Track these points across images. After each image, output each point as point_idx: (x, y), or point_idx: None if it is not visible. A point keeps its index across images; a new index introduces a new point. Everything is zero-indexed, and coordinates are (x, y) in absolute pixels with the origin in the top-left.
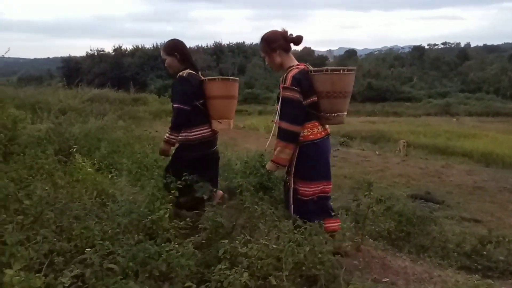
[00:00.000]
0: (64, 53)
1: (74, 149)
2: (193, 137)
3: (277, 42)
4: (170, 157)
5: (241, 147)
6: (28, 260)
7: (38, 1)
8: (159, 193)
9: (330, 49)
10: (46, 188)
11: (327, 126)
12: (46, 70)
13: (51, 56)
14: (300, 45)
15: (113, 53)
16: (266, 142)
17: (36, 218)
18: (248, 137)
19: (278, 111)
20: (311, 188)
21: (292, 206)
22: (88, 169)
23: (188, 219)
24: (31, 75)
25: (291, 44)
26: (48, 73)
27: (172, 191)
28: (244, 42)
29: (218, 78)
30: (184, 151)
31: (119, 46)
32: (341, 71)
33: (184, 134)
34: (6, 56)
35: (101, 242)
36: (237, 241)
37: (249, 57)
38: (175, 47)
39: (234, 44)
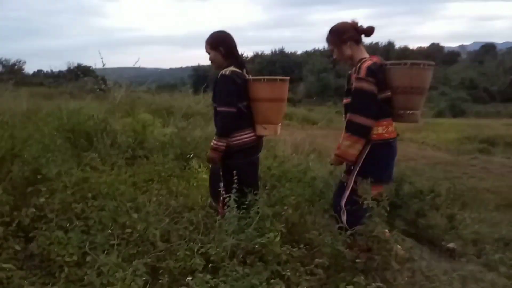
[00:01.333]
0: (194, 63)
1: (191, 155)
2: (234, 143)
3: (348, 33)
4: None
5: None
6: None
7: (175, 18)
8: (270, 209)
9: (462, 44)
10: (161, 196)
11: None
12: (179, 79)
13: (183, 66)
14: (371, 36)
15: None
16: (402, 147)
17: (141, 234)
18: None
19: (350, 104)
20: (375, 190)
21: (345, 211)
22: (204, 175)
23: (302, 246)
24: (167, 83)
25: (362, 36)
26: (181, 81)
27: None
28: (363, 42)
29: (264, 79)
30: (225, 158)
31: (241, 53)
32: (421, 65)
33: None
34: (147, 67)
35: (201, 275)
36: (362, 277)
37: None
38: (220, 40)
39: None
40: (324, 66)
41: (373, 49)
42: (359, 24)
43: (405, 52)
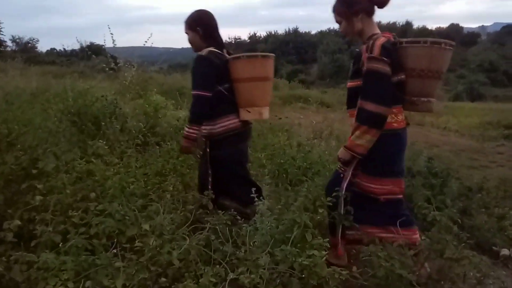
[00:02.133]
0: None
1: None
2: (217, 130)
3: (360, 3)
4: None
5: None
6: None
7: None
8: (307, 215)
9: (483, 25)
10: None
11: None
12: (191, 58)
13: None
14: (384, 7)
15: (248, 40)
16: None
17: (154, 254)
18: None
19: (360, 88)
20: (379, 185)
21: (342, 202)
22: None
23: (350, 269)
24: (179, 63)
25: (375, 7)
26: (192, 61)
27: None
28: (379, 22)
29: (243, 56)
30: (210, 149)
31: (254, 33)
32: (442, 45)
33: (208, 127)
34: (159, 46)
35: None
36: None
37: None
38: (198, 20)
39: None
40: (339, 47)
41: (390, 29)
42: None
43: (424, 33)
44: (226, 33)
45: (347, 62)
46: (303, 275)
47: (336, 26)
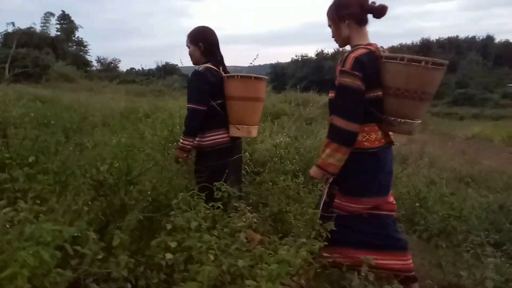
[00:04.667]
0: (273, 60)
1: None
2: (206, 143)
3: (349, 9)
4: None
5: (482, 166)
6: None
7: (255, 17)
8: None
9: None
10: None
11: (390, 133)
12: (260, 74)
13: (262, 64)
14: (382, 17)
15: (315, 57)
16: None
17: None
18: (482, 150)
19: (331, 103)
20: (359, 204)
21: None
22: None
23: None
24: None
25: (369, 16)
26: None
27: None
28: (457, 36)
29: (238, 76)
30: (199, 160)
31: (321, 50)
32: (423, 63)
33: (197, 139)
34: (230, 65)
35: None
36: None
37: (464, 52)
38: (200, 36)
39: (445, 39)
40: None
41: (469, 43)
42: (370, 1)
43: (507, 48)
44: (293, 51)
45: None
46: None
47: (409, 41)
